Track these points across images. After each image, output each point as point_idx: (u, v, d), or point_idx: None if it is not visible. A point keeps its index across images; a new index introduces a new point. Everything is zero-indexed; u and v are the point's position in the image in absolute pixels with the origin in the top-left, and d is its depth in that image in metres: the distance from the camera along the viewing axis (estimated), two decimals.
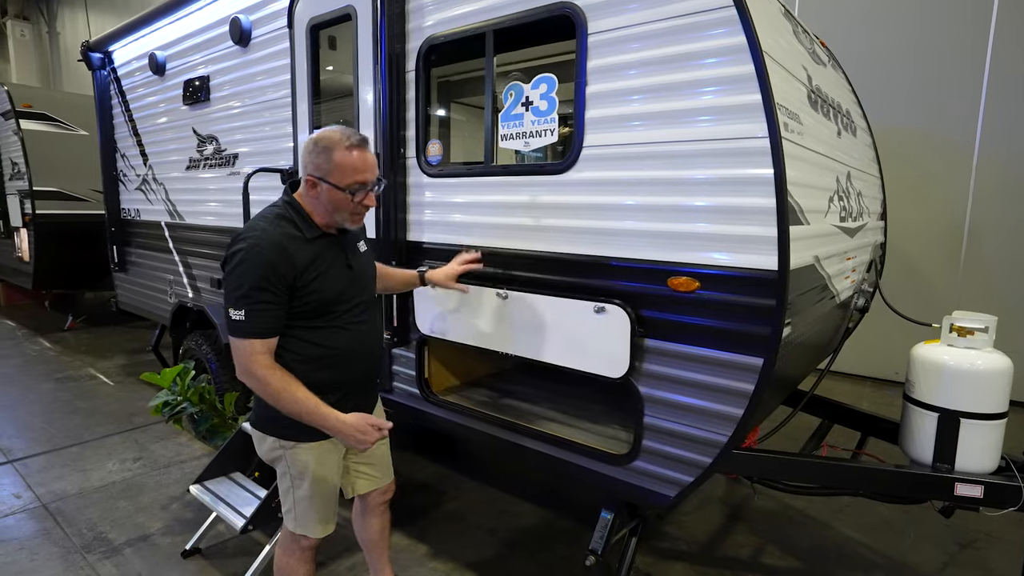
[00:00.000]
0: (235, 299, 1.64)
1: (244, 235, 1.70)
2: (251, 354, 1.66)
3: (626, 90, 1.97)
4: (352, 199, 1.73)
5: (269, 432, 1.86)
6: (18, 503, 3.38)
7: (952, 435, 2.29)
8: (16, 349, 6.84)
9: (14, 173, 7.28)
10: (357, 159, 1.71)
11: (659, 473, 2.06)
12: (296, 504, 1.92)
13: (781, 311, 1.72)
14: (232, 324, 1.65)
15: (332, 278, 1.80)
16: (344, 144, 1.70)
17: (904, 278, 5.42)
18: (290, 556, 2.01)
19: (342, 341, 1.83)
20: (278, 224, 1.73)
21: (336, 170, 1.70)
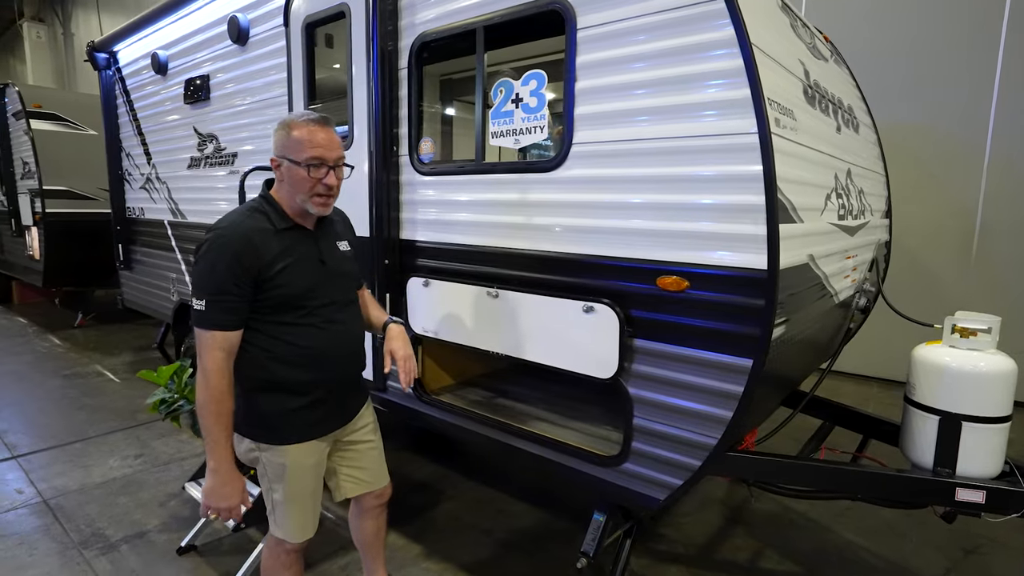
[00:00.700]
0: (198, 289, 1.65)
1: (214, 227, 1.70)
2: (208, 347, 1.64)
3: (615, 86, 1.94)
4: (309, 175, 1.69)
5: (245, 433, 1.82)
6: (20, 498, 3.42)
7: (953, 439, 2.24)
8: (27, 346, 6.93)
9: (25, 172, 7.38)
10: (313, 133, 1.69)
11: (648, 476, 2.03)
12: (275, 507, 1.89)
13: (771, 311, 1.68)
14: (194, 313, 1.65)
15: (301, 272, 1.75)
16: (301, 120, 1.71)
17: (914, 278, 5.33)
18: (274, 560, 1.97)
19: (315, 340, 1.79)
20: (250, 216, 1.72)
21: (293, 145, 1.70)
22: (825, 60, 2.81)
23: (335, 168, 1.75)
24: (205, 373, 1.65)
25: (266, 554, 2.02)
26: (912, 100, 5.29)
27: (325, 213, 1.82)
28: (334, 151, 1.74)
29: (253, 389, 1.77)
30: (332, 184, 1.75)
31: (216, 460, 1.69)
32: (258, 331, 1.73)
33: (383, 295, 2.72)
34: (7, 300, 9.54)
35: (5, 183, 7.82)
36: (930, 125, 5.28)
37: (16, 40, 19.20)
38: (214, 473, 1.70)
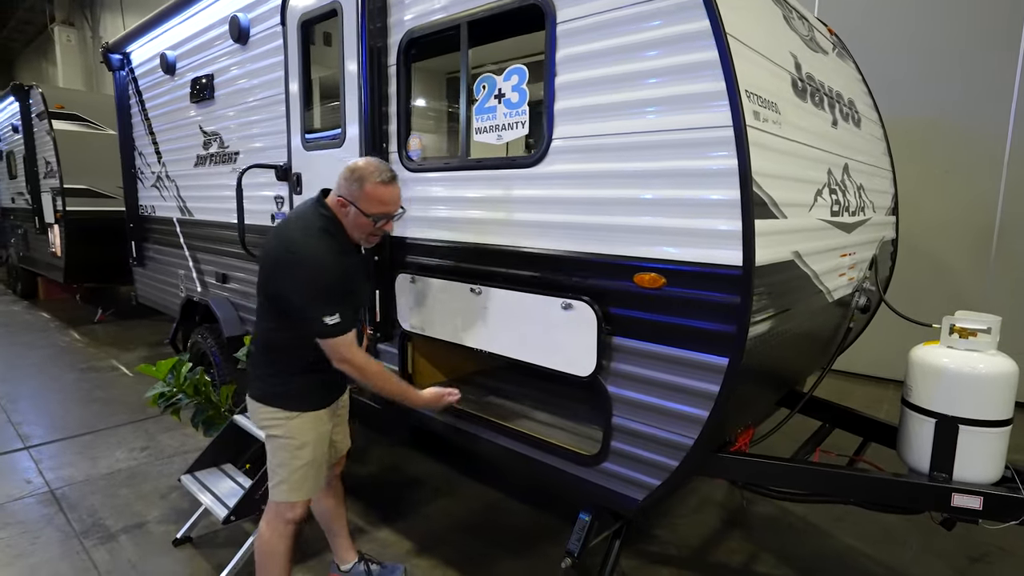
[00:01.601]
0: (327, 307, 1.88)
1: (301, 250, 1.89)
2: (349, 347, 1.95)
3: (594, 80, 1.92)
4: (374, 225, 1.98)
5: (277, 404, 2.04)
6: (28, 488, 3.52)
7: (950, 443, 2.16)
8: (47, 340, 7.13)
9: (47, 172, 7.59)
10: (385, 192, 1.95)
11: (627, 475, 2.00)
12: (293, 472, 2.07)
13: (746, 308, 1.64)
14: (330, 328, 1.89)
15: (358, 288, 2.12)
16: (375, 178, 1.94)
17: (930, 277, 5.18)
18: (273, 531, 2.12)
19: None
20: (326, 240, 1.94)
21: (365, 199, 1.93)
22: (824, 53, 2.74)
23: (394, 218, 2.05)
24: (360, 365, 1.99)
25: (264, 527, 2.15)
26: (930, 95, 5.14)
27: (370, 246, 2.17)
28: (396, 206, 2.03)
29: (296, 371, 2.05)
30: (390, 230, 2.11)
31: (414, 397, 2.21)
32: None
33: (372, 292, 2.73)
34: (33, 296, 9.84)
35: (29, 182, 8.04)
36: (948, 120, 5.12)
37: (48, 44, 19.77)
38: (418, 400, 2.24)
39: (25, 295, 9.88)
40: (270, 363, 2.06)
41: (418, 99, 3.84)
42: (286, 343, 2.02)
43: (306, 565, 2.74)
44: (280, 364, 2.04)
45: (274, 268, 1.93)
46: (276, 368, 2.05)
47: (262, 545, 2.15)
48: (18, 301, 9.70)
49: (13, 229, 9.68)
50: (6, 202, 10.02)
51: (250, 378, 2.14)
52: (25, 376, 5.71)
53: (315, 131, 3.16)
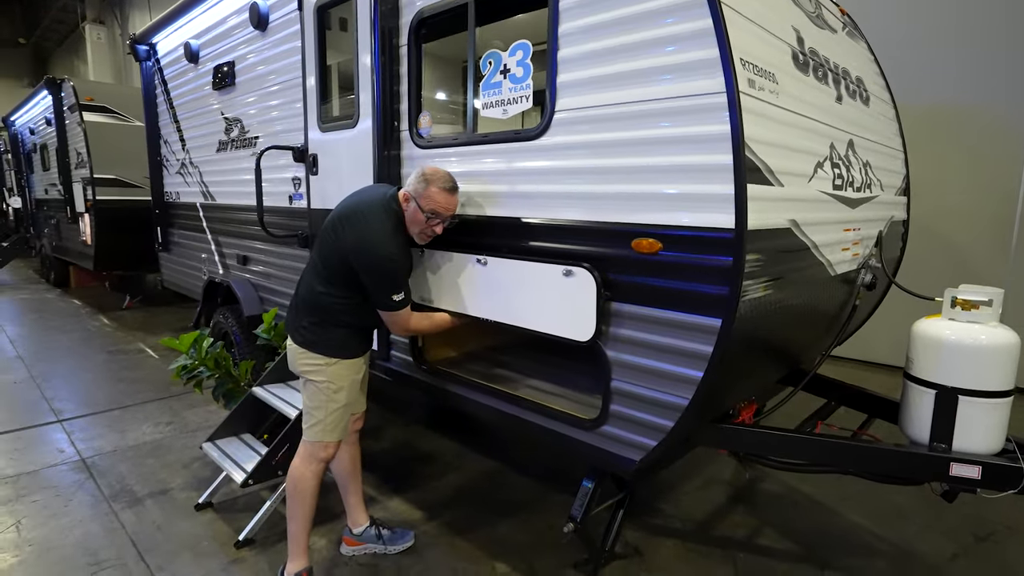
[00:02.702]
0: (395, 288, 2.22)
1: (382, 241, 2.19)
2: (409, 318, 2.33)
3: (594, 52, 1.97)
4: (426, 222, 2.26)
5: (319, 351, 2.28)
6: (61, 456, 3.70)
7: (950, 413, 2.18)
8: (79, 324, 7.41)
9: (78, 162, 7.86)
10: (444, 197, 2.26)
11: (625, 437, 2.06)
12: (329, 415, 2.32)
13: (739, 271, 1.69)
14: (396, 304, 2.24)
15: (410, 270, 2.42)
16: (440, 184, 2.25)
17: (950, 263, 5.11)
18: (307, 468, 2.35)
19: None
20: (399, 236, 2.28)
21: (426, 197, 2.24)
22: (832, 31, 2.75)
23: (444, 222, 2.32)
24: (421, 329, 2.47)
25: (299, 463, 2.37)
26: (953, 82, 5.08)
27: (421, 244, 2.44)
28: (450, 210, 2.31)
29: (341, 325, 2.30)
30: (439, 232, 2.34)
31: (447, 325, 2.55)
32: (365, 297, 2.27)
33: None
34: (65, 284, 10.20)
35: (62, 173, 8.33)
36: (971, 108, 5.05)
37: (79, 42, 20.35)
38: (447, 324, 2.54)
39: (58, 284, 10.25)
40: (316, 317, 2.29)
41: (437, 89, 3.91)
42: (338, 307, 2.27)
43: (321, 529, 2.85)
44: (327, 320, 2.28)
45: (353, 250, 2.18)
46: (321, 320, 2.28)
47: (295, 480, 2.35)
48: (51, 289, 10.06)
49: (46, 220, 10.04)
50: (40, 193, 10.38)
51: (292, 327, 2.37)
52: (58, 357, 5.95)
53: (330, 113, 3.27)
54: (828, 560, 2.70)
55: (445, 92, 4.00)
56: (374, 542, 2.67)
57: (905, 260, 3.54)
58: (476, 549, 2.74)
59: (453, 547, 2.75)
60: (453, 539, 2.82)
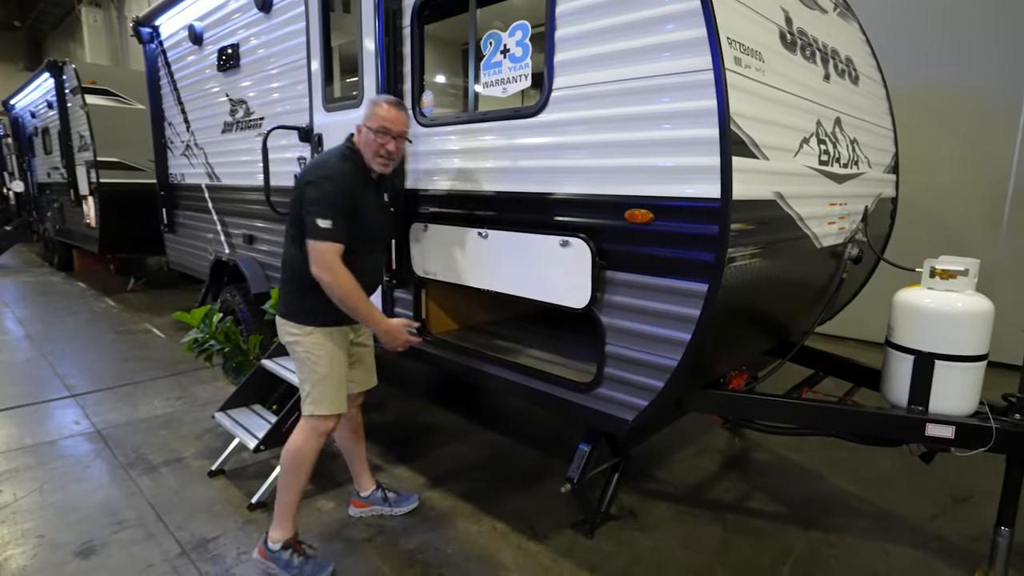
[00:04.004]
0: (323, 211, 2.07)
1: (321, 164, 2.17)
2: (332, 254, 2.10)
3: (590, 32, 2.06)
4: (375, 139, 2.19)
5: (298, 320, 2.27)
6: (77, 428, 3.84)
7: (926, 377, 2.30)
8: (85, 306, 7.53)
9: (81, 145, 7.91)
10: (387, 111, 2.21)
11: (618, 399, 2.19)
12: (314, 387, 2.29)
13: (724, 238, 1.80)
14: (320, 230, 2.07)
15: (372, 214, 2.29)
16: (381, 101, 2.25)
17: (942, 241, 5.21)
18: (305, 441, 2.33)
19: (363, 263, 2.27)
20: (345, 162, 2.21)
21: (371, 116, 2.21)
22: (823, 12, 2.83)
23: (397, 139, 2.23)
24: (339, 274, 2.10)
25: (296, 435, 2.35)
26: (945, 64, 5.14)
27: (385, 172, 2.31)
28: (399, 126, 2.23)
29: (309, 285, 2.18)
30: (392, 151, 2.24)
31: (377, 321, 2.25)
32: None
33: (388, 242, 2.93)
34: (69, 267, 10.29)
35: (65, 156, 8.39)
36: (963, 89, 5.12)
37: (75, 25, 20.21)
38: (382, 323, 2.27)
39: (61, 267, 10.34)
40: (293, 283, 2.27)
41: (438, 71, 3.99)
42: (303, 262, 2.18)
43: (328, 494, 2.99)
44: (302, 284, 2.21)
45: (301, 186, 2.16)
46: (297, 286, 2.25)
47: (290, 450, 2.35)
48: (55, 273, 10.17)
49: (49, 203, 10.11)
50: (42, 177, 10.44)
51: (279, 299, 2.40)
52: (67, 337, 6.08)
53: (335, 94, 3.35)
54: (812, 520, 2.85)
55: (446, 74, 4.08)
56: (380, 504, 2.79)
57: (898, 238, 3.65)
58: (477, 511, 2.88)
59: (455, 508, 2.90)
60: (456, 502, 2.96)
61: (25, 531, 2.70)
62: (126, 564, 2.46)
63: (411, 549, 2.57)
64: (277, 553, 2.31)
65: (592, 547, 2.60)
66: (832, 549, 2.62)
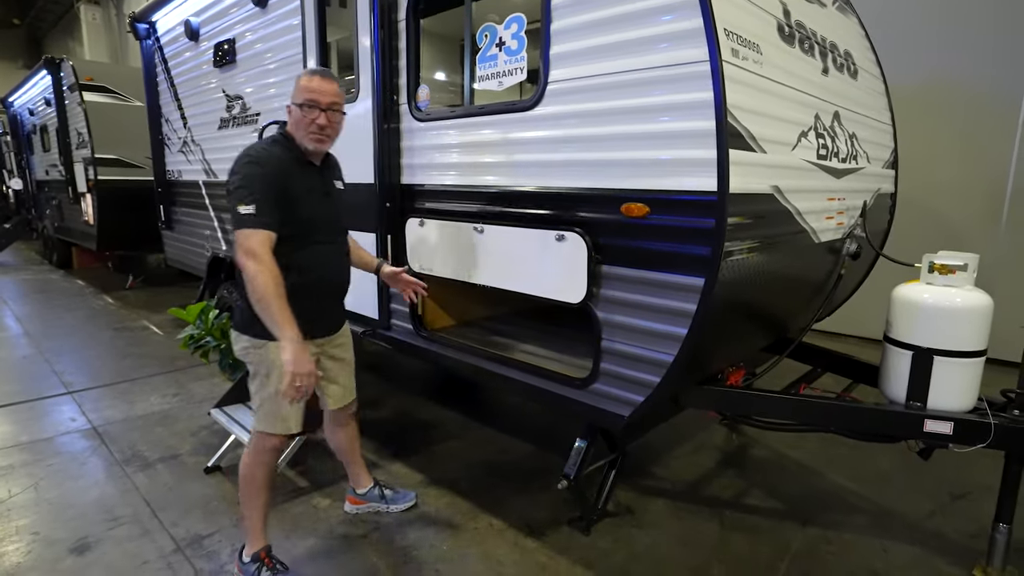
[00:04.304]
0: (245, 197, 1.89)
1: (248, 151, 2.01)
2: (258, 240, 1.88)
3: (585, 24, 2.05)
4: (303, 115, 2.01)
5: (246, 332, 2.09)
6: (73, 425, 3.82)
7: (925, 373, 2.29)
8: (83, 304, 7.51)
9: (79, 142, 7.90)
10: (311, 81, 2.04)
11: (614, 394, 2.17)
12: (263, 403, 2.12)
13: (721, 231, 1.78)
14: (241, 217, 1.88)
15: (311, 200, 2.08)
16: (306, 72, 2.07)
17: (941, 237, 5.19)
18: (255, 457, 2.18)
19: (313, 257, 2.10)
20: (273, 147, 2.05)
21: (296, 91, 2.05)
22: (821, 5, 2.81)
23: (327, 111, 2.03)
24: (262, 262, 1.86)
25: (248, 451, 2.23)
26: (944, 59, 5.12)
27: (320, 149, 2.12)
28: (328, 97, 2.03)
29: None
30: (323, 124, 2.03)
31: (291, 331, 1.86)
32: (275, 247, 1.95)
33: (384, 237, 2.92)
34: (68, 265, 10.28)
35: (63, 153, 8.37)
36: (962, 85, 5.10)
37: (74, 23, 20.17)
38: (292, 342, 1.85)
39: (60, 265, 10.32)
40: (242, 291, 2.02)
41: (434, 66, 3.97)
42: None
43: (324, 491, 2.97)
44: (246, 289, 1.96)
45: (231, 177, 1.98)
46: (243, 293, 2.00)
47: (242, 468, 2.22)
48: (54, 270, 10.15)
49: (48, 201, 10.09)
50: (40, 175, 10.42)
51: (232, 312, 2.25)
52: (64, 334, 6.06)
53: None
54: (810, 517, 2.83)
55: (442, 69, 4.06)
56: (377, 501, 2.76)
57: (898, 234, 3.63)
58: (474, 508, 2.86)
59: (451, 505, 2.88)
60: (453, 498, 2.95)
61: (20, 528, 2.68)
62: (121, 561, 2.45)
63: (407, 546, 2.56)
64: (246, 566, 2.26)
65: (589, 544, 2.59)
66: (830, 546, 2.61)
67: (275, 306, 1.85)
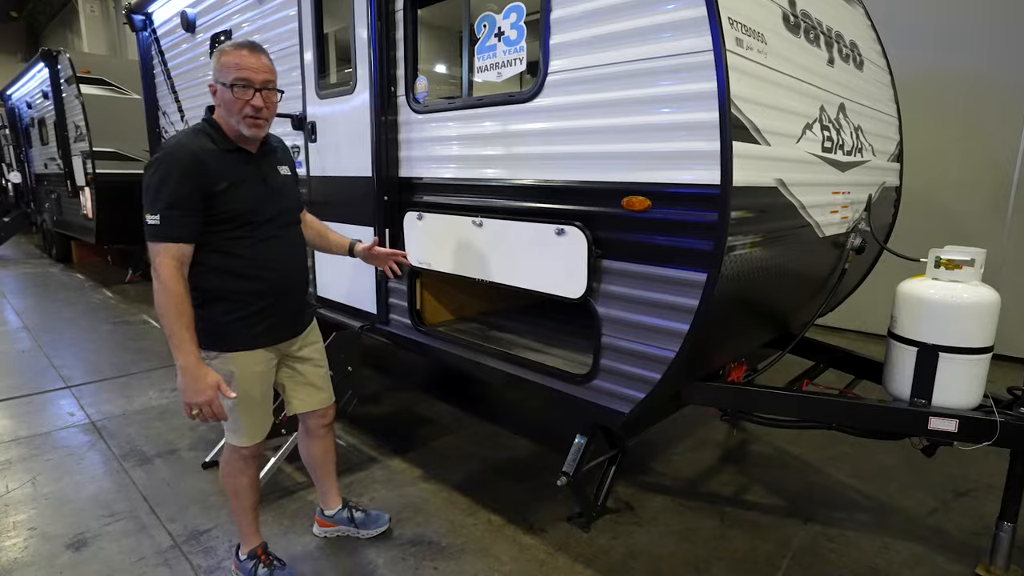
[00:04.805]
0: (150, 204, 1.72)
1: (164, 145, 1.80)
2: (161, 256, 1.73)
3: (586, 13, 2.00)
4: (235, 96, 1.78)
5: (202, 343, 1.86)
6: (71, 420, 3.81)
7: (930, 370, 2.25)
8: (82, 297, 7.49)
9: (77, 136, 7.85)
10: (240, 57, 1.79)
11: (614, 391, 2.14)
12: (228, 413, 1.97)
13: (724, 226, 1.74)
14: (147, 228, 1.72)
15: (245, 191, 1.86)
16: (230, 46, 1.82)
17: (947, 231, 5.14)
18: (231, 466, 2.12)
19: (258, 253, 1.91)
20: (195, 137, 1.81)
21: (223, 69, 1.80)
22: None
23: (262, 91, 1.82)
24: (161, 280, 1.73)
25: (223, 459, 2.16)
26: (949, 50, 5.05)
27: (258, 135, 1.89)
28: (261, 74, 1.82)
29: (204, 302, 1.87)
30: (259, 106, 1.81)
31: (184, 357, 1.74)
32: (205, 245, 1.83)
33: (383, 231, 2.88)
34: (67, 259, 10.25)
35: (61, 146, 8.33)
36: (968, 76, 5.03)
37: (72, 15, 20.07)
38: (184, 371, 1.75)
39: (60, 258, 10.30)
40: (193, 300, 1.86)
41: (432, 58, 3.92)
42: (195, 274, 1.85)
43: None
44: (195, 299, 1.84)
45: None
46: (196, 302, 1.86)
47: (222, 478, 2.17)
48: (54, 264, 10.13)
49: (47, 194, 10.06)
50: (39, 168, 10.38)
51: None
52: (64, 328, 6.05)
53: (328, 80, 3.28)
54: (812, 513, 2.81)
55: (440, 61, 4.01)
56: (346, 524, 2.52)
57: (903, 228, 3.59)
58: (473, 504, 2.84)
59: (450, 501, 2.86)
60: (450, 494, 2.93)
61: (17, 523, 2.67)
62: (117, 556, 2.43)
63: (406, 542, 2.54)
64: (243, 563, 2.24)
65: (588, 541, 2.57)
66: (831, 543, 2.59)
67: (173, 328, 1.73)
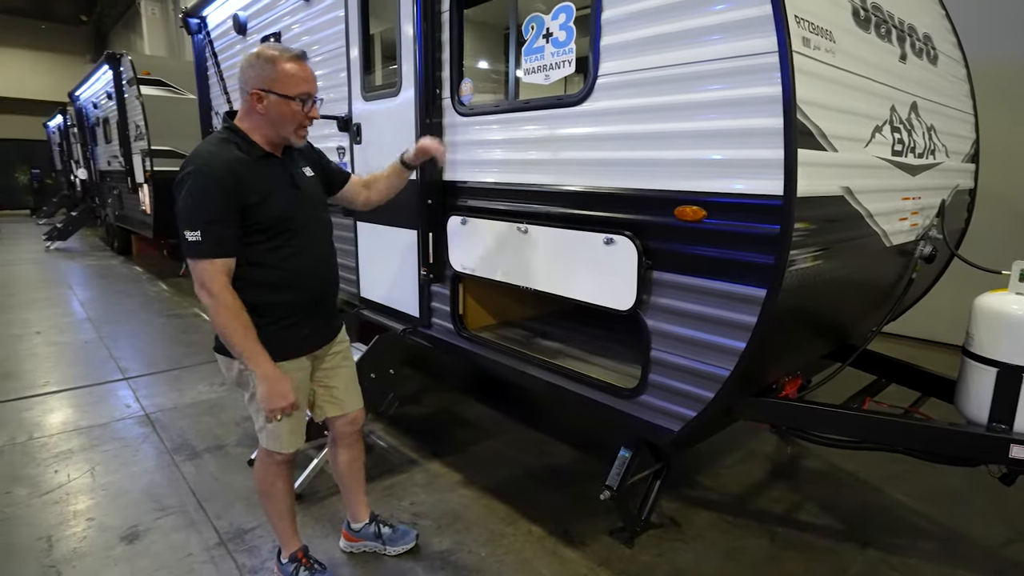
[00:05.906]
0: (189, 220, 1.68)
1: (192, 159, 1.74)
2: (209, 272, 1.70)
3: (639, 12, 1.91)
4: (302, 109, 1.78)
5: (224, 352, 1.90)
6: (128, 411, 3.97)
7: (1012, 392, 2.08)
8: (140, 289, 7.83)
9: (137, 134, 8.18)
10: (304, 69, 1.78)
11: (664, 407, 2.06)
12: (259, 421, 2.01)
13: (786, 239, 1.63)
14: (188, 245, 1.69)
15: (279, 199, 1.82)
16: (287, 56, 1.76)
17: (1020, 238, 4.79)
18: (266, 471, 2.13)
19: (297, 263, 1.88)
20: (223, 146, 1.76)
21: (283, 79, 1.74)
22: None
23: (317, 102, 1.86)
24: (215, 297, 1.71)
25: (258, 467, 2.16)
26: None
27: (303, 144, 1.95)
28: (315, 86, 1.85)
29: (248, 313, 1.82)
30: (316, 117, 1.86)
31: (262, 368, 1.76)
32: (242, 259, 1.79)
33: (425, 234, 2.86)
34: (128, 252, 10.76)
35: (122, 145, 8.70)
36: None
37: (135, 18, 20.97)
38: (265, 379, 1.77)
39: (121, 251, 10.82)
40: None
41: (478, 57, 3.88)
42: None
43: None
44: None
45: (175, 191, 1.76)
46: None
47: (257, 483, 2.19)
48: (115, 256, 10.64)
49: (110, 190, 10.55)
50: (103, 165, 10.90)
51: None
52: (122, 320, 6.33)
53: (373, 82, 3.28)
54: (870, 538, 2.65)
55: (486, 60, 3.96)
56: (373, 540, 2.45)
57: (973, 232, 3.34)
58: (512, 512, 2.80)
59: (490, 509, 2.83)
60: (490, 501, 2.90)
61: (76, 513, 2.78)
62: (167, 552, 2.50)
63: (444, 550, 2.52)
64: (285, 566, 2.26)
65: (631, 557, 2.49)
66: (894, 572, 2.43)
67: (243, 344, 1.73)
